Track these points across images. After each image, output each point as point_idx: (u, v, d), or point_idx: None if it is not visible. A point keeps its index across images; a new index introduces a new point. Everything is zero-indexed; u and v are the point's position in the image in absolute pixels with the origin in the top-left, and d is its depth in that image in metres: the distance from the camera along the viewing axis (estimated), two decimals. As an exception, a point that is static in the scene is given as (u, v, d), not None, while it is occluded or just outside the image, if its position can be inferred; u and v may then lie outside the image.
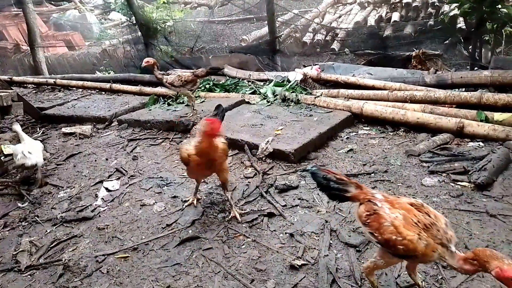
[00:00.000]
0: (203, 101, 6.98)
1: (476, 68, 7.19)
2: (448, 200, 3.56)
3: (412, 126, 5.22)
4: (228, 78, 8.44)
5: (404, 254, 2.18)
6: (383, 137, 5.21)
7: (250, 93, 7.11)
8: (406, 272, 2.56)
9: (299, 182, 4.13)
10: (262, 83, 7.67)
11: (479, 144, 4.57)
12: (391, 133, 5.32)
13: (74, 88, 9.70)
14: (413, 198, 2.37)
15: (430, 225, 2.14)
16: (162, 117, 6.23)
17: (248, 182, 4.21)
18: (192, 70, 6.13)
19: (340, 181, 2.53)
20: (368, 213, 2.35)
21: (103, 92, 9.01)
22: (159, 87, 8.18)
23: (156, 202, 3.94)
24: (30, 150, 4.42)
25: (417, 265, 2.47)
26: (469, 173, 3.85)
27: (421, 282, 2.56)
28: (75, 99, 8.37)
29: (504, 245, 2.96)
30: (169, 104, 7.08)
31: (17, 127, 4.82)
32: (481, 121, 4.86)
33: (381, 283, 2.75)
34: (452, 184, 3.80)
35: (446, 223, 2.19)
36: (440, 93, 5.48)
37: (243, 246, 3.22)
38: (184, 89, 5.86)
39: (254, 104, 6.55)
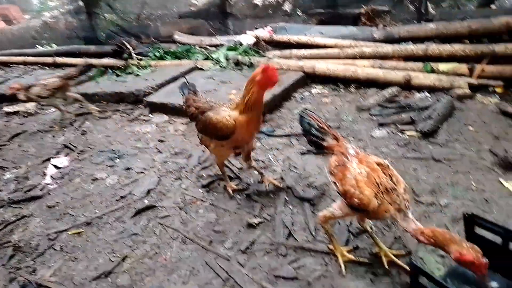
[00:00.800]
0: (154, 71, 6.74)
1: (422, 22, 7.35)
2: (397, 149, 3.69)
3: (363, 82, 5.31)
4: (179, 45, 8.16)
5: (358, 207, 2.25)
6: (336, 95, 5.28)
7: (203, 59, 6.94)
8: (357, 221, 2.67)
9: (255, 144, 4.13)
10: (214, 48, 7.48)
11: (426, 95, 4.74)
12: (343, 91, 5.40)
13: (15, 65, 9.07)
14: (376, 156, 2.42)
15: (391, 190, 2.18)
16: (111, 89, 5.98)
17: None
18: (60, 74, 5.36)
19: (321, 129, 2.59)
20: (337, 163, 2.43)
21: (47, 67, 8.48)
22: (106, 58, 7.79)
23: (108, 176, 3.82)
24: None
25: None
26: (416, 122, 4.00)
27: (370, 228, 2.67)
28: (17, 77, 7.84)
29: (448, 188, 3.12)
30: (117, 75, 6.79)
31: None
32: (428, 72, 5.01)
33: (335, 231, 2.84)
34: (400, 134, 3.94)
35: (405, 188, 2.24)
36: (388, 48, 5.57)
37: (201, 211, 3.22)
38: (55, 100, 5.10)
39: (207, 70, 6.40)
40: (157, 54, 7.48)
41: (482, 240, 2.05)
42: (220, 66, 6.36)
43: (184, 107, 3.40)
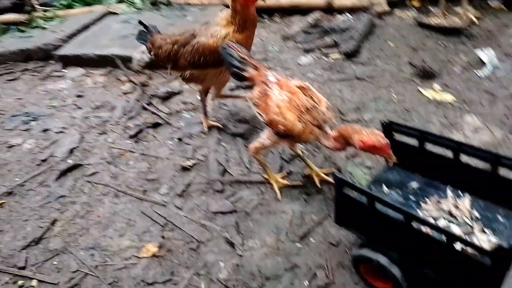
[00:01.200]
0: (63, 21, 6.09)
1: None
2: (322, 73, 3.70)
3: (286, 10, 5.18)
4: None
5: (284, 134, 2.25)
6: (261, 27, 5.11)
7: (117, 2, 6.36)
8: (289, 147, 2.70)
9: (182, 86, 3.96)
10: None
11: (347, 16, 4.73)
12: (268, 21, 5.24)
13: None
14: (300, 80, 2.37)
15: (312, 108, 2.19)
16: (15, 47, 5.33)
17: (128, 98, 3.92)
18: None
19: (242, 60, 2.48)
20: (259, 94, 2.37)
21: None
22: (6, 14, 6.88)
23: (25, 141, 3.50)
24: None
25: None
26: (339, 45, 4.01)
27: (301, 152, 2.71)
28: None
29: (372, 103, 3.22)
30: (22, 31, 6.06)
31: None
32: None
33: (268, 160, 2.87)
34: (325, 58, 3.94)
35: (327, 106, 2.25)
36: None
37: (131, 162, 3.08)
38: None
39: (121, 14, 5.89)
40: (64, 2, 6.72)
41: (401, 144, 2.15)
42: (136, 8, 5.88)
43: (151, 53, 3.05)
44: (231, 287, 2.11)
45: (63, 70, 4.69)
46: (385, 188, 2.10)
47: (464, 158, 1.98)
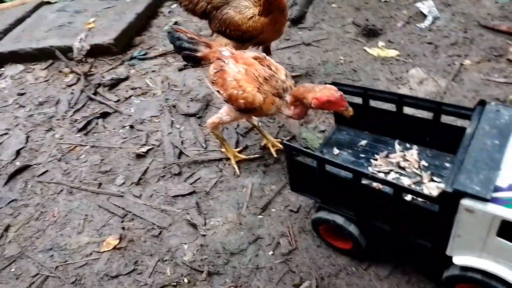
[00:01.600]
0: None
1: None
2: (278, 44, 3.64)
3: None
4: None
5: (245, 107, 2.17)
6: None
7: (50, -9, 5.97)
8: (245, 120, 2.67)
9: (129, 72, 3.82)
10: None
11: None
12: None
13: None
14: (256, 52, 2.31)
15: (270, 77, 2.12)
16: None
17: (72, 90, 3.73)
18: None
19: (192, 40, 2.38)
20: (215, 70, 2.29)
21: None
22: None
23: (-36, 148, 3.30)
24: None
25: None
26: (284, 11, 3.95)
27: (257, 123, 2.69)
28: None
29: (320, 67, 3.22)
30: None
31: None
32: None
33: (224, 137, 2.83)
34: (272, 27, 3.88)
35: (286, 74, 2.20)
36: None
37: (82, 156, 2.97)
38: None
39: (56, 2, 5.55)
40: (-8, -4, 6.24)
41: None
42: (71, -5, 5.54)
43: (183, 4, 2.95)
44: (197, 267, 2.10)
45: (1, 69, 4.40)
46: (335, 150, 2.13)
47: (410, 110, 2.02)
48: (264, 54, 2.31)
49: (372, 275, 1.94)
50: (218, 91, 2.32)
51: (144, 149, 2.89)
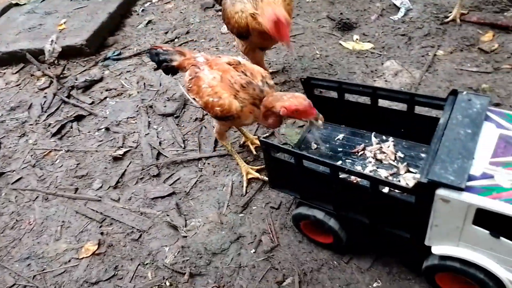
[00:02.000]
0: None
1: None
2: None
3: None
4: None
5: (222, 115, 2.08)
6: (179, -2, 4.89)
7: (18, -8, 5.79)
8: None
9: (103, 73, 3.73)
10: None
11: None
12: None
13: None
14: (229, 56, 2.23)
15: (247, 84, 2.02)
16: None
17: (45, 93, 3.64)
18: None
19: (166, 51, 2.37)
20: (190, 77, 2.22)
21: None
22: None
23: None
24: None
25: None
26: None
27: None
28: None
29: (297, 62, 3.21)
30: None
31: None
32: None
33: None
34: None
35: (264, 76, 2.09)
36: None
37: (57, 161, 2.89)
38: None
39: (25, 3, 5.38)
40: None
41: (321, 99, 2.16)
42: (41, -4, 5.38)
43: None
44: (178, 270, 2.08)
45: (-32, 75, 4.25)
46: (313, 145, 2.13)
47: (386, 103, 2.03)
48: (238, 58, 2.22)
49: (354, 268, 1.95)
50: (194, 99, 2.24)
51: (121, 152, 2.83)
